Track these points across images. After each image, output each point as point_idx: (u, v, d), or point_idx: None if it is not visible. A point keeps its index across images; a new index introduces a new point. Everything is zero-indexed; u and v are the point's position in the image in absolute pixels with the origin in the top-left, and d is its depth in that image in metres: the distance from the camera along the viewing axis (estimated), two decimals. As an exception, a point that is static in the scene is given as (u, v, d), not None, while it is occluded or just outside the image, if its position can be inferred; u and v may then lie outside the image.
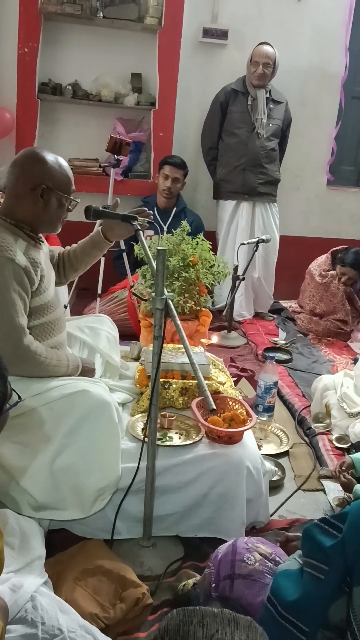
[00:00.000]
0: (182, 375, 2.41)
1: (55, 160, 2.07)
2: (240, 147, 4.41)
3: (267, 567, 1.60)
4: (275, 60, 4.30)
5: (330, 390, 3.08)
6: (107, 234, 2.34)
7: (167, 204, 4.48)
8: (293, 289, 4.82)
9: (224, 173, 4.51)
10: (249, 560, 1.61)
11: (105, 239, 2.35)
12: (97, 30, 4.40)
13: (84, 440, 1.95)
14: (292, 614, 1.42)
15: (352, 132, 5.28)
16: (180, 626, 0.85)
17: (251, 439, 2.31)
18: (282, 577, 1.52)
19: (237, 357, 3.87)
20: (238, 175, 4.44)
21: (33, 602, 1.52)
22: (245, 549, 1.65)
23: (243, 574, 1.58)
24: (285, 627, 1.42)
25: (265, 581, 1.56)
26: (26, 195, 2.03)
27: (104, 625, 1.68)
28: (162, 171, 4.39)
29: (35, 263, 2.02)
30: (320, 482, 2.62)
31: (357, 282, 4.39)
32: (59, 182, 2.06)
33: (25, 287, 1.98)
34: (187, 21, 4.38)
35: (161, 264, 1.84)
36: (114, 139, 3.61)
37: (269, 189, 4.53)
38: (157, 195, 4.49)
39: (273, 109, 4.44)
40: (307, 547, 1.50)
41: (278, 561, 1.63)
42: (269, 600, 1.48)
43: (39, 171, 2.03)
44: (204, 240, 3.22)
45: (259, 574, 1.58)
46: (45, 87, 4.35)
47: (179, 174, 4.39)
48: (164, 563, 2.03)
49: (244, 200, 4.50)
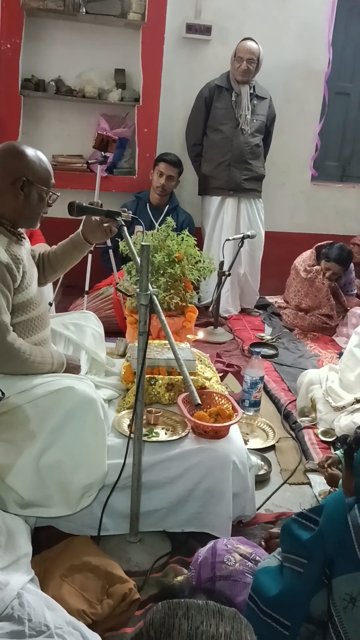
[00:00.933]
0: (168, 371, 2.41)
1: (35, 154, 2.06)
2: (225, 143, 4.41)
3: (247, 566, 1.63)
4: (260, 56, 4.30)
5: (315, 384, 3.11)
6: (88, 236, 2.32)
7: (160, 201, 4.47)
8: (279, 284, 4.84)
9: (209, 169, 4.51)
10: (229, 562, 1.64)
11: (86, 241, 2.33)
12: (80, 26, 4.38)
13: (70, 437, 1.94)
14: (274, 610, 1.44)
15: (336, 127, 5.30)
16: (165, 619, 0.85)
17: (237, 433, 2.32)
18: (262, 574, 1.53)
19: (224, 353, 3.88)
20: (223, 172, 4.44)
21: (20, 599, 1.52)
22: (224, 551, 1.67)
23: (224, 575, 1.61)
24: (268, 623, 1.43)
25: (246, 581, 1.59)
26: (6, 189, 2.01)
27: (91, 621, 1.68)
28: (157, 168, 4.38)
29: (17, 259, 2.01)
30: (306, 476, 2.64)
31: (341, 277, 4.42)
32: (39, 175, 2.05)
33: (7, 284, 1.96)
34: (170, 17, 4.37)
35: (145, 260, 1.84)
36: (100, 135, 3.59)
37: (254, 185, 4.53)
38: (151, 192, 4.48)
39: (257, 104, 4.45)
40: (286, 542, 1.52)
41: (258, 560, 1.65)
42: (251, 597, 1.50)
43: (18, 164, 2.02)
44: (189, 236, 3.23)
45: (239, 574, 1.60)
46: (28, 83, 4.32)
47: (173, 171, 4.38)
48: (151, 558, 2.04)
49: (229, 196, 4.50)
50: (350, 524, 1.39)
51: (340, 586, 1.36)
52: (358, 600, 1.34)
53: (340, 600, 1.35)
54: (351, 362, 3.03)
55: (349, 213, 5.38)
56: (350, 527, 1.39)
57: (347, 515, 1.41)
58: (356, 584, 1.35)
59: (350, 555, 1.36)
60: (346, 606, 1.35)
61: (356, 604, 1.34)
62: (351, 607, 1.34)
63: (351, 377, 2.97)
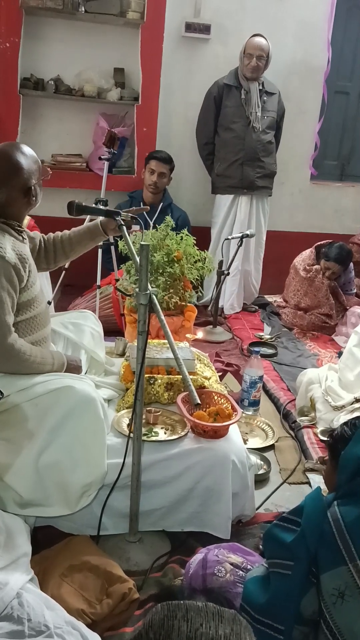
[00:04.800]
0: (167, 371, 2.41)
1: (25, 155, 2.08)
2: (237, 142, 4.40)
3: (238, 576, 1.65)
4: (269, 53, 4.28)
5: (315, 384, 3.11)
6: (107, 228, 2.34)
7: (153, 199, 4.46)
8: (278, 283, 4.84)
9: (222, 168, 4.49)
10: (220, 573, 1.65)
11: (104, 232, 2.35)
12: (79, 25, 4.37)
13: (69, 436, 1.94)
14: (266, 616, 1.46)
15: (335, 126, 5.30)
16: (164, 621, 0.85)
17: (236, 433, 2.32)
18: (251, 583, 1.56)
19: (223, 352, 3.88)
20: (236, 170, 4.43)
21: (19, 599, 1.52)
22: (215, 562, 1.69)
23: (215, 588, 1.62)
24: (262, 631, 1.45)
25: (237, 591, 1.60)
26: (18, 199, 2.07)
27: (91, 621, 1.68)
28: (148, 166, 4.38)
29: (23, 258, 2.03)
30: (305, 475, 2.64)
31: (341, 277, 4.41)
32: (39, 173, 2.13)
33: (14, 285, 1.98)
34: (169, 16, 4.36)
35: (144, 259, 1.84)
36: (110, 132, 3.64)
37: (266, 182, 4.54)
38: (144, 190, 4.47)
39: (267, 100, 4.43)
40: (270, 548, 1.54)
41: (250, 569, 1.66)
42: (242, 607, 1.52)
43: (22, 178, 2.05)
44: (188, 236, 3.22)
45: (230, 585, 1.62)
46: (27, 82, 4.31)
47: (165, 168, 4.38)
48: (150, 558, 2.04)
49: (243, 194, 4.50)
50: (330, 520, 1.41)
51: (327, 582, 1.38)
52: (347, 594, 1.36)
53: (329, 595, 1.37)
54: (350, 361, 3.03)
55: (347, 212, 5.38)
56: (331, 523, 1.41)
57: (327, 512, 1.43)
58: (342, 578, 1.37)
59: (333, 551, 1.39)
60: (335, 601, 1.37)
61: (345, 598, 1.36)
62: (340, 602, 1.36)
63: (350, 377, 2.97)
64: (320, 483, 2.53)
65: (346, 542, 1.38)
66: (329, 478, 1.64)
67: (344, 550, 1.37)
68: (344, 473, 1.47)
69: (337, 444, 1.58)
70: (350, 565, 1.36)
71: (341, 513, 1.41)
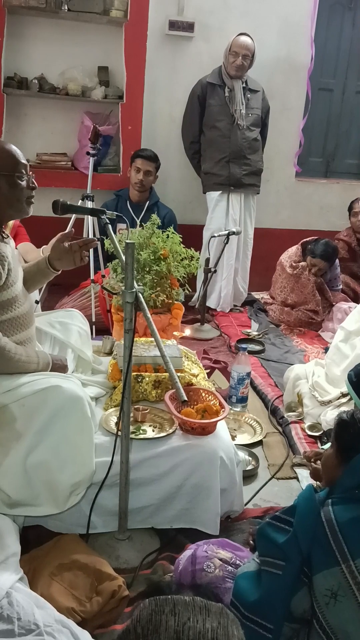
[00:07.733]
0: (154, 369, 2.42)
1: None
2: (223, 140, 4.40)
3: (227, 571, 1.65)
4: (254, 52, 4.30)
5: (302, 379, 3.12)
6: (54, 262, 2.28)
7: (140, 198, 4.46)
8: (265, 280, 4.85)
9: (208, 167, 4.50)
10: (209, 568, 1.66)
11: (52, 267, 2.29)
12: (63, 24, 4.36)
13: (57, 436, 1.94)
14: (256, 614, 1.46)
15: (319, 123, 5.33)
16: (152, 615, 0.85)
17: (224, 429, 2.33)
18: (242, 579, 1.55)
19: (211, 349, 3.89)
20: (223, 168, 4.44)
21: (9, 598, 1.52)
22: (204, 557, 1.69)
23: (204, 583, 1.62)
24: (251, 628, 1.45)
25: (227, 586, 1.60)
26: None
27: (81, 619, 1.68)
28: (134, 164, 4.38)
29: (2, 257, 2.00)
30: (293, 470, 2.66)
31: (327, 273, 4.44)
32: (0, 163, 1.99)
33: None
34: (153, 14, 4.36)
35: (130, 257, 1.84)
36: (95, 128, 3.64)
37: (253, 180, 4.55)
38: (130, 189, 4.47)
39: (251, 98, 4.45)
40: (262, 546, 1.53)
41: (238, 564, 1.67)
42: (232, 603, 1.52)
43: None
44: (174, 234, 3.23)
45: (219, 581, 1.62)
46: (11, 82, 4.29)
47: (150, 166, 4.37)
48: (139, 555, 2.04)
49: (231, 192, 4.50)
50: (323, 519, 1.41)
51: (320, 583, 1.38)
52: (339, 594, 1.36)
53: (322, 596, 1.37)
54: (337, 356, 3.05)
55: (333, 209, 5.39)
56: (324, 523, 1.41)
57: (320, 511, 1.43)
58: (335, 579, 1.37)
59: (327, 551, 1.38)
60: (328, 602, 1.37)
61: (338, 599, 1.36)
62: (333, 603, 1.36)
63: (337, 372, 2.99)
64: (308, 478, 2.54)
65: (339, 542, 1.38)
66: (328, 471, 1.60)
67: (337, 551, 1.37)
68: (352, 477, 1.46)
69: (344, 433, 1.54)
70: (344, 566, 1.36)
71: (335, 513, 1.41)
